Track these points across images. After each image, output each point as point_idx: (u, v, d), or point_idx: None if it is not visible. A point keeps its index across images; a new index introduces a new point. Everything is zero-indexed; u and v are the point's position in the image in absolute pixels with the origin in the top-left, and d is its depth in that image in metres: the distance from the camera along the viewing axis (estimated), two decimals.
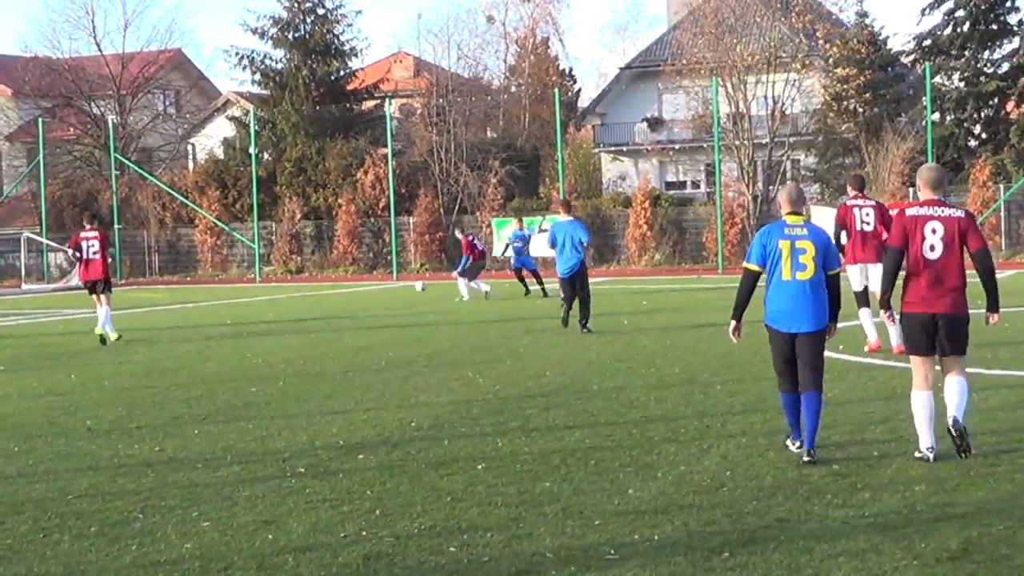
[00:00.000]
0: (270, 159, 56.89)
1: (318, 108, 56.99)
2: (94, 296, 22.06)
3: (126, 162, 56.48)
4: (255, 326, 24.42)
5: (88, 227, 22.31)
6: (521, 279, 32.40)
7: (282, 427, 11.69)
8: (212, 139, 63.56)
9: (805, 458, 9.22)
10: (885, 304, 9.80)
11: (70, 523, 8.14)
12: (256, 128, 53.83)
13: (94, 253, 21.94)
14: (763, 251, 9.66)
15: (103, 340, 21.11)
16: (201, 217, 55.13)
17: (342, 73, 58.55)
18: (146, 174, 57.36)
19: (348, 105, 59.03)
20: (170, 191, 55.35)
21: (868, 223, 16.09)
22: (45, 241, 52.67)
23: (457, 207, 52.31)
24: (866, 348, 16.10)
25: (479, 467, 9.50)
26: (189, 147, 66.82)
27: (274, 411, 12.77)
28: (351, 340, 20.46)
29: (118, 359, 18.53)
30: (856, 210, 16.17)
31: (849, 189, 16.63)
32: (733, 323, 9.91)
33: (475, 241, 32.44)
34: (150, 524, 8.07)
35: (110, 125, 55.86)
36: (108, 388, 15.09)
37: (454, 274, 33.46)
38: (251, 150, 52.62)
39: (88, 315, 29.58)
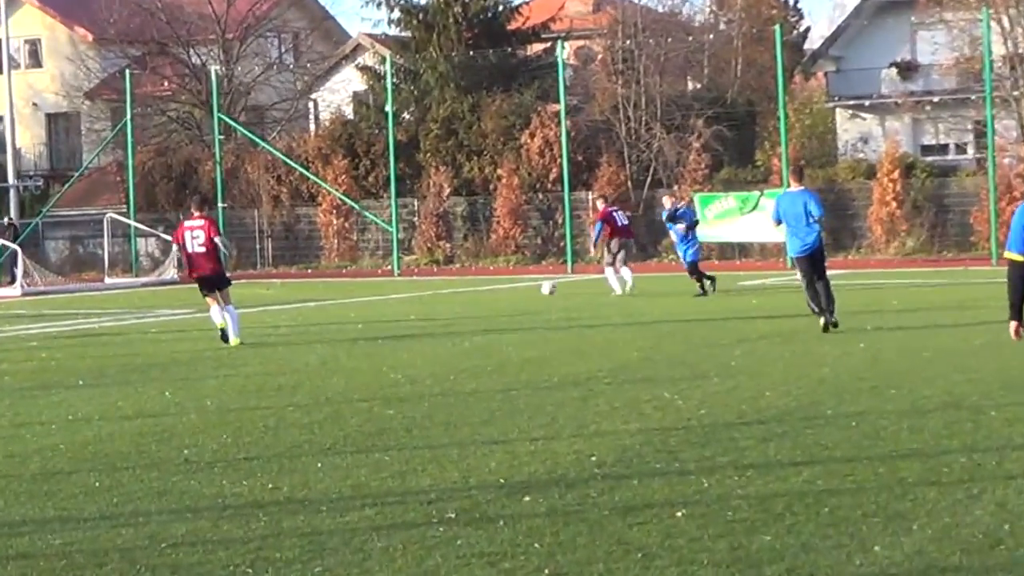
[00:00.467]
0: (412, 119, 57.43)
1: (472, 54, 57.26)
2: (208, 298, 22.80)
3: (232, 124, 57.58)
4: (393, 331, 24.68)
5: (196, 214, 23.23)
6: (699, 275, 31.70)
7: (427, 460, 11.77)
8: (339, 94, 64.31)
9: None
10: None
11: None
12: (394, 80, 54.38)
13: (200, 245, 22.68)
14: None
15: (224, 337, 22.20)
16: (325, 193, 55.89)
17: (501, 9, 58.77)
18: (257, 139, 58.38)
19: (510, 50, 59.23)
20: (287, 160, 56.25)
21: None
22: (133, 224, 54.02)
23: (650, 179, 52.22)
24: None
25: (678, 514, 9.44)
26: (310, 105, 67.82)
27: (416, 440, 12.87)
28: (514, 350, 20.53)
29: (222, 372, 18.90)
30: None
31: None
32: (1013, 324, 9.76)
33: (617, 212, 32.62)
34: None
35: (213, 77, 56.92)
36: (210, 409, 15.38)
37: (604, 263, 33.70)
38: (387, 108, 53.08)
39: (187, 316, 30.25)
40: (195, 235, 22.73)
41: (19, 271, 45.36)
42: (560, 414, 14.02)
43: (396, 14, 58.77)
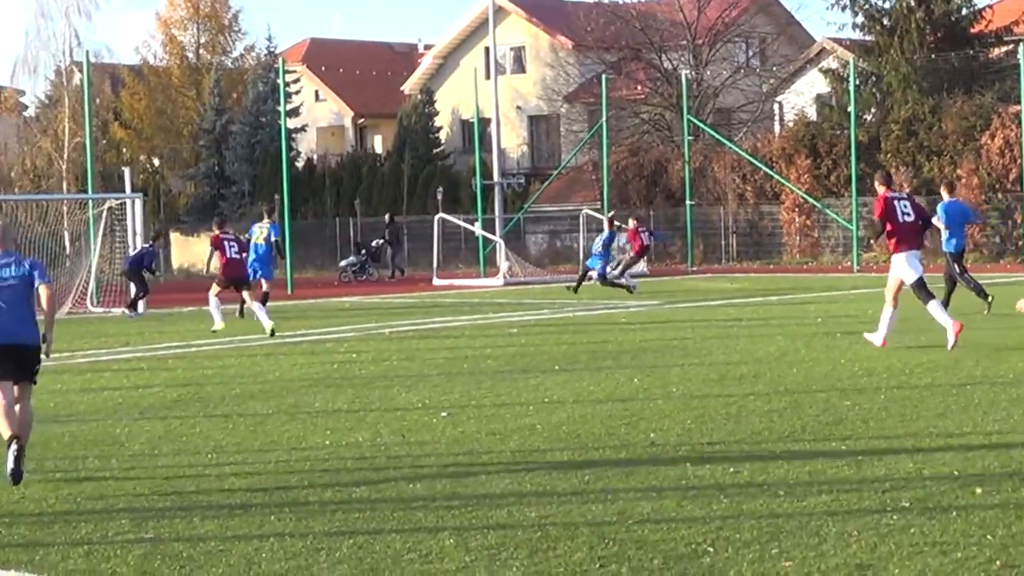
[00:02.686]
0: (873, 120, 56.58)
1: (933, 57, 56.01)
2: (244, 292, 27.44)
3: (701, 125, 57.95)
4: (850, 326, 24.38)
5: (217, 231, 28.00)
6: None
7: (882, 451, 11.65)
8: (803, 96, 63.94)
9: None
10: None
11: (629, 552, 8.50)
12: (856, 83, 53.64)
13: (236, 253, 27.67)
14: None
15: (273, 333, 25.02)
16: (788, 192, 55.64)
17: (964, 12, 57.29)
18: (723, 139, 58.58)
19: (972, 52, 57.62)
20: (752, 160, 56.24)
21: None
22: (606, 219, 54.92)
23: None
24: None
25: None
26: (775, 106, 67.59)
27: (872, 431, 12.75)
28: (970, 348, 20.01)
29: (688, 361, 19.10)
30: None
31: None
32: None
33: (643, 231, 33.81)
34: (721, 560, 8.28)
35: (683, 81, 57.40)
36: (676, 396, 15.60)
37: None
38: (850, 109, 52.46)
39: (654, 307, 30.65)
40: (231, 244, 27.70)
41: (503, 263, 46.72)
42: (1016, 410, 13.64)
43: (860, 19, 58.05)
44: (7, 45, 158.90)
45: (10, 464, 10.98)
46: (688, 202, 54.57)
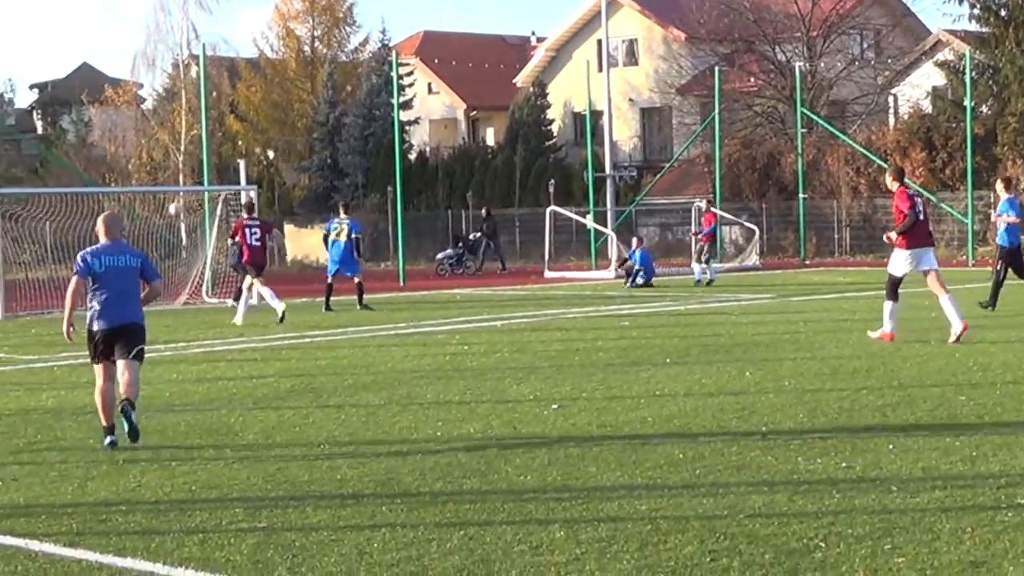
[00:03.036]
0: (989, 113, 55.79)
1: None
2: (257, 280, 27.99)
3: (814, 117, 57.48)
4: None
5: (246, 216, 28.65)
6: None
7: (998, 446, 11.50)
8: (918, 89, 63.23)
9: None
10: None
11: (740, 547, 8.46)
12: (972, 75, 52.94)
13: (256, 240, 28.15)
14: None
15: (283, 318, 26.54)
16: None
17: None
18: (837, 132, 58.09)
19: None
20: (866, 152, 55.71)
21: None
22: (719, 212, 54.64)
23: None
24: None
25: None
26: (890, 99, 66.91)
27: (987, 426, 12.60)
28: None
29: (800, 355, 18.98)
30: None
31: None
32: None
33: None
34: (833, 555, 8.22)
35: (797, 74, 56.97)
36: (788, 389, 15.50)
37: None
38: (966, 102, 51.80)
39: (767, 300, 30.48)
40: (253, 231, 28.14)
41: (613, 256, 46.65)
42: None
43: (977, 10, 57.23)
44: (127, 39, 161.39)
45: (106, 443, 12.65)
46: (801, 195, 54.14)
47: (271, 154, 77.42)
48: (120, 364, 12.85)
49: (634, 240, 41.39)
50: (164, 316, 28.87)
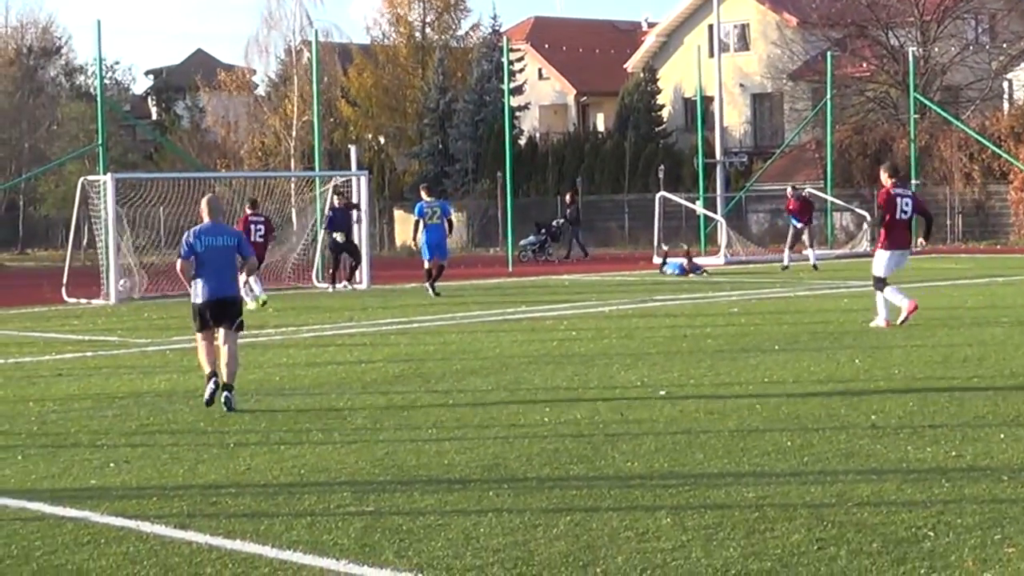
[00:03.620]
0: None
1: None
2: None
3: (927, 103, 56.81)
4: None
5: (250, 211, 29.18)
6: None
7: None
8: None
9: None
10: None
11: (848, 535, 8.40)
12: None
13: (260, 236, 28.42)
14: None
15: (264, 303, 27.38)
16: (1017, 171, 54.29)
17: None
18: (951, 118, 57.36)
19: None
20: (979, 138, 54.99)
21: None
22: (830, 199, 54.22)
23: None
24: None
25: None
26: (1004, 84, 65.94)
27: None
28: None
29: (910, 343, 18.79)
30: None
31: None
32: None
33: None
34: (942, 545, 8.14)
35: (910, 58, 56.30)
36: (897, 377, 15.35)
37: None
38: None
39: (863, 288, 30.24)
40: (258, 228, 28.67)
41: (723, 241, 46.44)
42: None
43: None
44: (241, 26, 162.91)
45: (207, 394, 14.19)
46: (914, 181, 53.47)
47: (382, 140, 77.80)
48: (222, 335, 14.44)
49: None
50: (273, 300, 29.12)
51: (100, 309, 30.10)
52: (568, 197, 54.57)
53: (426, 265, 30.48)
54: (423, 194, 31.04)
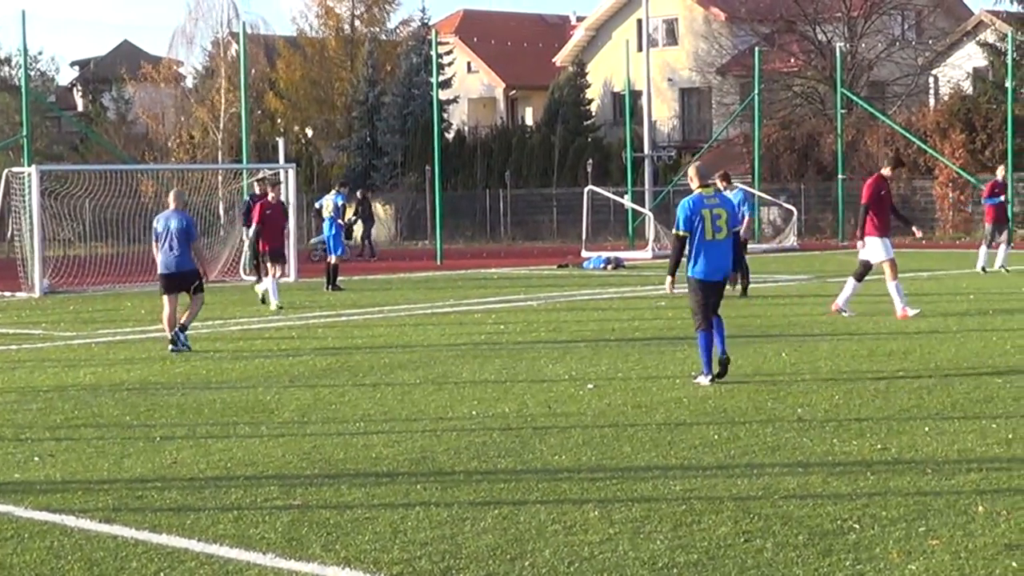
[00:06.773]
0: None
1: None
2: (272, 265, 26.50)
3: (854, 98, 57.21)
4: (1004, 303, 23.96)
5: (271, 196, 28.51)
6: None
7: None
8: (959, 70, 62.89)
9: None
10: None
11: (774, 528, 8.46)
12: (1015, 56, 52.61)
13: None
14: None
15: (263, 300, 26.52)
16: (942, 166, 54.76)
17: None
18: (877, 113, 57.81)
19: None
20: (905, 133, 55.44)
21: None
22: (757, 193, 54.55)
23: None
24: None
25: None
26: (930, 80, 66.54)
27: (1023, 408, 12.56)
28: None
29: (836, 337, 18.94)
30: None
31: None
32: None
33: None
34: (867, 537, 8.21)
35: (837, 54, 56.70)
36: (824, 371, 15.46)
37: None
38: (1007, 83, 51.49)
39: (804, 281, 30.34)
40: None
41: (651, 235, 46.56)
42: None
43: None
44: (166, 17, 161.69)
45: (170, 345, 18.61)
46: (840, 176, 53.95)
47: (310, 132, 77.44)
48: (189, 298, 19.17)
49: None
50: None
51: (24, 302, 29.83)
52: (359, 194, 52.97)
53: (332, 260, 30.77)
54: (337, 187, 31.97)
